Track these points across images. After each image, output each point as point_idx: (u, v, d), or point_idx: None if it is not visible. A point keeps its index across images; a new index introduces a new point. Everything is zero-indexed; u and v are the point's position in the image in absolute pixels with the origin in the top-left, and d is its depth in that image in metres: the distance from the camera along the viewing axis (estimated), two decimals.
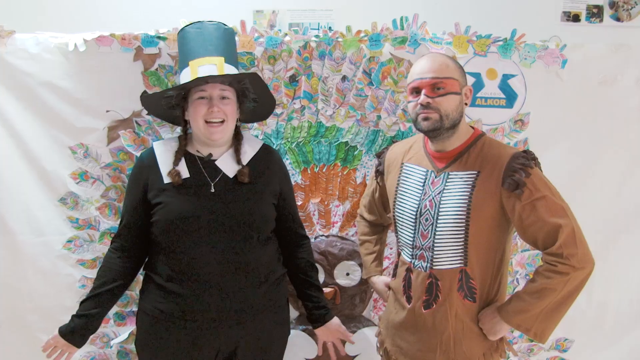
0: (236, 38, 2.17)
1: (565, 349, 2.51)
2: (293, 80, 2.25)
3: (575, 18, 3.03)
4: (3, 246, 2.22)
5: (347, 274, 2.35)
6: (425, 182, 1.82)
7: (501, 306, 1.74)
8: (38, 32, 2.16)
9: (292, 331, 2.33)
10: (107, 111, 2.19)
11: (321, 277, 2.34)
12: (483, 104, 2.30)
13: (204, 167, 1.89)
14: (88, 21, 2.33)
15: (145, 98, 1.93)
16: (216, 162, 1.90)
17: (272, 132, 2.31)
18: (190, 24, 1.88)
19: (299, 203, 2.35)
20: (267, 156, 2.00)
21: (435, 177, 1.81)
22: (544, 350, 2.51)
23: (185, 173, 1.86)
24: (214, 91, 1.82)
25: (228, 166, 1.91)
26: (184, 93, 1.87)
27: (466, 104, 1.79)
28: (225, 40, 1.91)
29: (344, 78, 2.25)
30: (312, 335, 2.37)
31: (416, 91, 1.76)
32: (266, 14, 2.95)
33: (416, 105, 1.75)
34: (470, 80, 2.26)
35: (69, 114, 2.18)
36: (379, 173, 2.07)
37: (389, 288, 2.03)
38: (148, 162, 1.89)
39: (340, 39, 2.21)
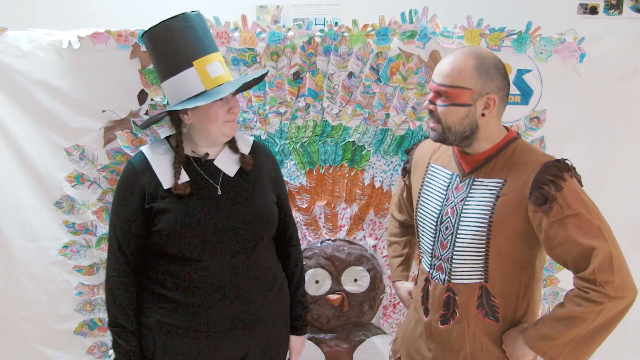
0: (237, 34, 2.11)
1: None
2: (297, 77, 2.18)
3: (593, 10, 2.94)
4: None
5: (355, 280, 2.29)
6: (449, 186, 1.70)
7: (526, 329, 1.59)
8: (31, 29, 2.10)
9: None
10: (103, 111, 2.13)
11: (328, 283, 2.29)
12: None
13: (202, 168, 1.80)
14: (83, 17, 2.28)
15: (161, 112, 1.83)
16: (214, 162, 1.82)
17: (275, 132, 2.23)
18: (169, 19, 1.72)
19: (304, 206, 2.28)
20: (261, 152, 1.93)
21: (460, 182, 1.67)
22: None
23: (184, 177, 1.77)
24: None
25: (227, 165, 1.83)
26: None
27: (483, 114, 1.58)
28: (209, 30, 1.81)
29: (350, 75, 2.18)
30: (319, 343, 2.33)
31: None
32: (270, 9, 2.89)
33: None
34: None
35: (64, 114, 2.12)
36: (406, 171, 1.96)
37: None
38: (140, 168, 1.76)
39: (346, 34, 2.14)
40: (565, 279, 2.31)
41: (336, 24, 2.18)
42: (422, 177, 1.80)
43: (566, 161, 1.57)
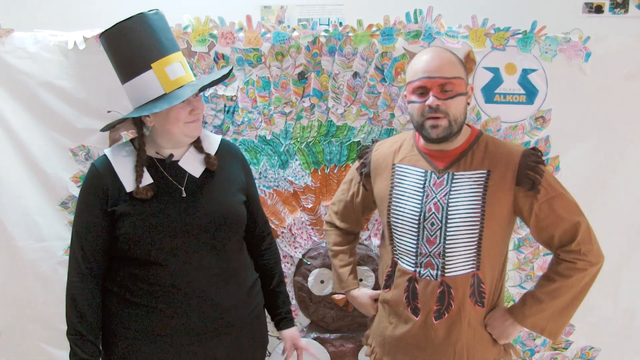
0: (242, 34, 2.11)
1: (591, 358, 2.41)
2: (302, 77, 2.18)
3: (598, 9, 2.91)
4: (2, 252, 2.16)
5: (360, 280, 2.27)
6: (425, 183, 1.72)
7: (514, 309, 1.71)
8: (37, 30, 2.11)
9: (303, 339, 2.28)
10: (109, 111, 2.10)
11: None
12: (502, 100, 2.21)
13: (166, 170, 1.77)
14: (88, 18, 2.28)
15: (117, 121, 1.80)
16: (179, 163, 1.78)
17: (280, 132, 2.23)
18: (125, 20, 1.67)
19: (309, 206, 2.28)
20: (228, 151, 1.89)
21: (438, 178, 1.71)
22: (568, 359, 2.41)
23: (148, 179, 1.73)
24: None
25: (192, 166, 1.79)
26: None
27: (468, 103, 1.71)
28: (169, 29, 1.76)
29: (355, 74, 2.18)
30: (324, 343, 2.33)
31: (421, 91, 1.65)
32: (274, 9, 2.88)
33: (423, 107, 1.64)
34: (488, 75, 2.18)
35: (69, 114, 2.12)
36: (365, 175, 1.92)
37: (375, 300, 1.90)
38: (104, 172, 1.73)
39: (350, 34, 2.14)
40: None
41: (340, 24, 2.17)
42: (389, 179, 1.81)
43: (538, 148, 1.74)
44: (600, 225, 2.22)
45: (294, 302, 2.33)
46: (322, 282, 2.28)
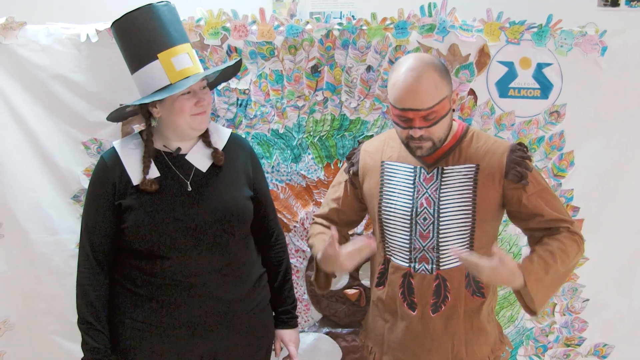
0: (255, 27, 2.10)
1: (604, 355, 2.40)
2: (315, 71, 2.17)
3: (614, 2, 2.88)
4: (15, 245, 2.16)
5: None
6: (415, 179, 1.75)
7: (522, 263, 1.61)
8: (49, 23, 2.10)
9: (315, 334, 2.30)
10: (121, 105, 2.11)
11: (345, 278, 2.28)
12: (516, 94, 2.20)
13: (173, 163, 1.77)
14: (101, 11, 2.27)
15: (121, 108, 1.79)
16: (186, 157, 1.78)
17: (293, 126, 2.22)
18: (133, 10, 1.69)
19: (321, 200, 2.26)
20: (237, 146, 1.89)
21: (427, 173, 1.74)
22: (581, 355, 2.40)
23: (155, 172, 1.74)
24: (196, 84, 1.71)
25: (199, 160, 1.79)
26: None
27: (454, 110, 1.71)
28: (179, 21, 1.77)
29: (368, 68, 2.17)
30: (335, 338, 2.33)
31: (403, 119, 1.64)
32: (286, 2, 2.86)
33: (406, 132, 1.64)
34: (503, 69, 2.17)
35: (82, 107, 2.12)
36: (354, 174, 1.91)
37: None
38: (111, 164, 1.74)
39: (364, 27, 2.13)
40: (585, 276, 2.30)
41: (354, 17, 2.16)
42: (378, 177, 1.81)
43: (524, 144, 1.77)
44: (613, 222, 2.24)
45: (305, 296, 2.33)
46: (334, 276, 2.27)
